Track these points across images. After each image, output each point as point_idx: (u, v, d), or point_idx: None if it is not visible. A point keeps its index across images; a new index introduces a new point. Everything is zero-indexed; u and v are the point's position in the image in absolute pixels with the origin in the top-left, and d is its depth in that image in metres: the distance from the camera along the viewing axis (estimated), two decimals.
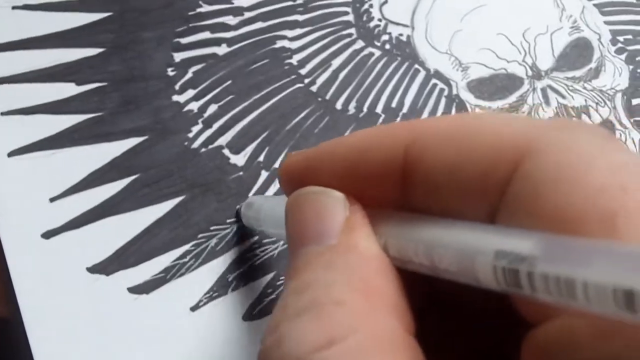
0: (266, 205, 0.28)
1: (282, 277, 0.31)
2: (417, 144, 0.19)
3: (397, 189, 0.19)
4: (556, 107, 0.39)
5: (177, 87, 0.35)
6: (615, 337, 0.14)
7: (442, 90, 0.38)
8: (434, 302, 0.21)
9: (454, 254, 0.16)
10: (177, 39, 0.36)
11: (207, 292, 0.30)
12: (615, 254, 0.13)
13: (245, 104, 0.35)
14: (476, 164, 0.17)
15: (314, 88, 0.37)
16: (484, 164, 0.17)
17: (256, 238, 0.32)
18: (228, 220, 0.32)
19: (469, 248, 0.16)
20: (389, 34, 0.39)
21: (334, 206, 0.20)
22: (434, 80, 0.39)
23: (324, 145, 0.21)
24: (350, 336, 0.16)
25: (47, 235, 0.30)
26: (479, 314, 0.21)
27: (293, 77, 0.37)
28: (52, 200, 0.31)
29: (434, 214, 0.18)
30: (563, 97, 0.40)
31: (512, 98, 0.39)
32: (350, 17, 0.39)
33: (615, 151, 0.16)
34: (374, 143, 0.20)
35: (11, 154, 0.31)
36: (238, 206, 0.32)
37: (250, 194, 0.33)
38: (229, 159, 0.34)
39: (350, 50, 0.38)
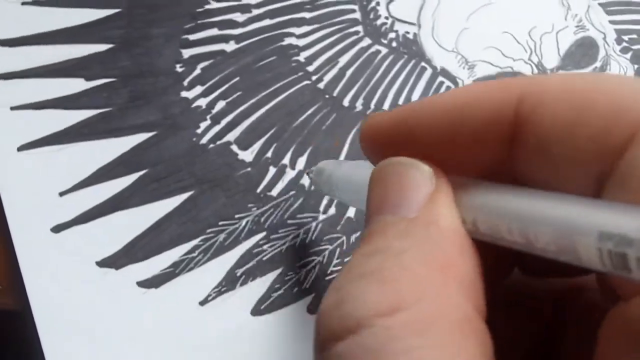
0: (338, 172, 0.27)
1: (290, 273, 0.31)
2: (532, 98, 0.17)
3: (500, 154, 0.18)
4: None
5: (185, 83, 0.35)
6: None
7: (448, 88, 0.39)
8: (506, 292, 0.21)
9: (553, 232, 0.15)
10: (186, 36, 0.36)
11: (216, 287, 0.30)
12: None
13: (253, 100, 0.35)
14: (594, 123, 0.16)
15: (321, 85, 0.37)
16: (602, 125, 0.16)
17: (264, 234, 0.32)
18: (236, 216, 0.32)
19: (570, 227, 0.14)
20: (396, 31, 0.39)
21: (420, 180, 0.18)
22: (440, 78, 0.39)
23: (415, 102, 0.19)
24: (415, 305, 0.15)
25: (57, 229, 0.30)
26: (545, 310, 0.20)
27: (300, 74, 0.37)
28: (61, 194, 0.31)
29: (539, 183, 0.17)
30: None
31: None
32: (357, 15, 0.39)
33: None
34: (482, 97, 0.18)
35: (21, 149, 0.31)
36: (307, 171, 0.32)
37: (258, 191, 0.33)
38: (237, 155, 0.34)
39: (357, 47, 0.38)
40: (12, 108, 0.32)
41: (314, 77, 0.37)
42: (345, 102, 0.37)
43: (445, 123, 0.18)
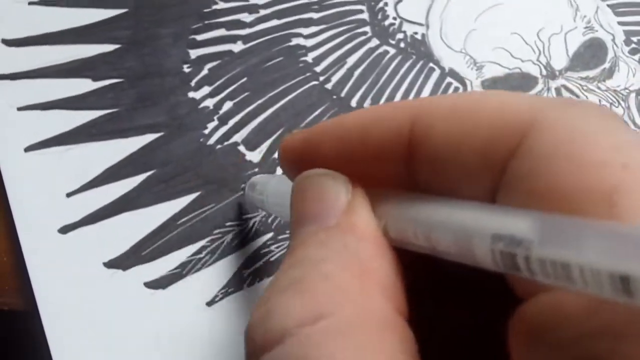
0: (269, 185, 0.28)
1: None
2: (423, 119, 0.18)
3: (401, 167, 0.19)
4: None
5: (192, 83, 0.35)
6: (603, 310, 0.14)
7: (456, 88, 0.38)
8: (432, 287, 0.21)
9: (452, 236, 0.16)
10: (193, 36, 0.36)
11: (223, 288, 0.30)
12: (610, 237, 0.13)
13: (261, 101, 0.35)
14: (479, 138, 0.17)
15: (329, 86, 0.37)
16: (486, 139, 0.17)
17: (272, 234, 0.32)
18: (244, 216, 0.32)
19: (467, 230, 0.15)
20: (404, 32, 0.39)
21: (336, 188, 0.19)
22: (448, 79, 0.39)
23: (325, 123, 0.21)
24: (337, 312, 0.16)
25: (64, 230, 0.30)
26: (476, 296, 0.20)
27: (308, 74, 0.37)
28: (68, 195, 0.31)
29: (438, 193, 0.18)
30: (577, 96, 0.40)
31: None
32: (365, 15, 0.39)
33: (619, 130, 0.16)
34: (380, 119, 0.19)
35: (28, 149, 0.31)
36: (242, 186, 0.32)
37: None
38: (244, 155, 0.34)
39: (365, 48, 0.38)
40: (19, 108, 0.32)
41: (321, 78, 0.37)
42: (353, 103, 0.37)
43: (350, 141, 0.20)
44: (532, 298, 0.16)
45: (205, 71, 0.35)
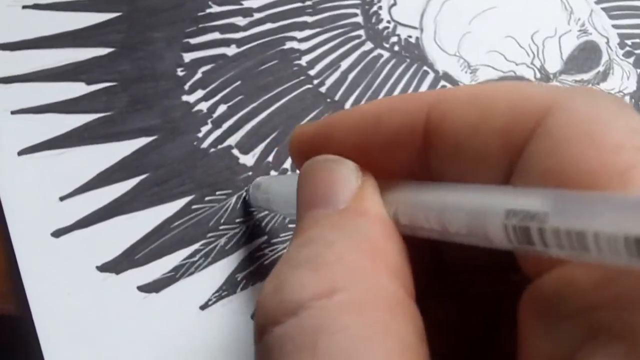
0: (275, 184, 0.28)
1: None
2: (439, 107, 0.19)
3: (416, 156, 0.19)
4: None
5: (186, 87, 0.35)
6: (612, 283, 0.14)
7: None
8: (438, 278, 0.22)
9: (465, 216, 0.16)
10: (187, 39, 0.36)
11: (217, 291, 0.30)
12: (623, 203, 0.13)
13: (255, 104, 0.35)
14: (497, 122, 0.17)
15: (323, 89, 0.37)
16: (504, 122, 0.17)
17: (265, 238, 0.32)
18: (237, 220, 0.32)
19: (480, 209, 0.16)
20: (398, 35, 0.39)
21: (346, 174, 0.19)
22: (442, 82, 0.39)
23: (338, 113, 0.21)
24: (349, 288, 0.16)
25: (57, 234, 0.30)
26: (482, 285, 0.21)
27: (302, 78, 0.37)
28: (61, 199, 0.31)
29: (453, 181, 0.18)
30: None
31: None
32: (359, 19, 0.39)
33: (634, 117, 0.17)
34: (395, 108, 0.20)
35: (21, 153, 0.31)
36: (245, 188, 0.32)
37: None
38: (238, 158, 0.34)
39: (359, 51, 0.38)
40: (12, 112, 0.32)
41: (315, 81, 0.37)
42: (347, 106, 0.37)
43: (363, 131, 0.20)
44: (542, 275, 0.16)
45: (199, 74, 0.35)
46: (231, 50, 0.36)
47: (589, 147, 0.15)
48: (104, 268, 0.30)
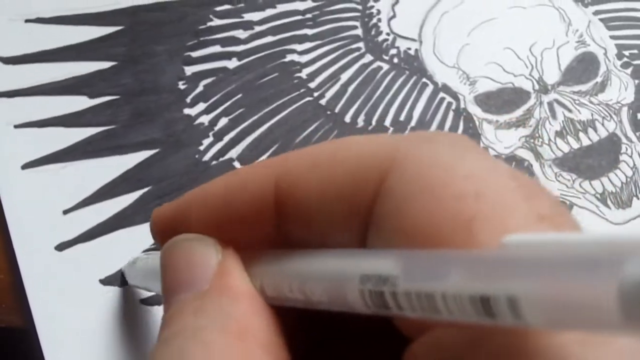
0: (149, 262, 0.26)
1: None
2: (286, 176, 0.18)
3: (271, 227, 0.19)
4: (562, 121, 0.40)
5: (188, 100, 0.35)
6: (486, 340, 0.14)
7: (449, 103, 0.39)
8: (320, 338, 0.21)
9: (324, 284, 0.16)
10: (188, 53, 0.36)
11: None
12: (469, 263, 0.13)
13: (255, 117, 0.36)
14: (340, 186, 0.17)
15: (323, 101, 0.37)
16: (348, 185, 0.17)
17: None
18: None
19: (337, 276, 0.16)
20: (397, 48, 0.40)
21: (205, 251, 0.19)
22: (441, 94, 0.39)
23: (192, 192, 0.21)
24: None
25: (61, 247, 0.30)
26: (364, 341, 0.20)
27: (302, 90, 0.37)
28: (65, 212, 0.31)
29: (311, 247, 0.18)
30: (569, 110, 0.40)
31: (519, 112, 0.39)
32: (359, 31, 0.40)
33: (474, 159, 0.16)
34: (243, 182, 0.19)
35: (25, 167, 0.31)
36: (122, 267, 0.30)
37: None
38: None
39: (358, 64, 0.39)
40: (15, 126, 0.32)
41: (315, 94, 0.37)
42: (347, 119, 0.37)
43: (216, 207, 0.19)
44: (419, 338, 0.16)
45: (200, 88, 0.36)
46: (232, 63, 0.37)
47: (430, 201, 0.15)
48: (107, 281, 0.30)
